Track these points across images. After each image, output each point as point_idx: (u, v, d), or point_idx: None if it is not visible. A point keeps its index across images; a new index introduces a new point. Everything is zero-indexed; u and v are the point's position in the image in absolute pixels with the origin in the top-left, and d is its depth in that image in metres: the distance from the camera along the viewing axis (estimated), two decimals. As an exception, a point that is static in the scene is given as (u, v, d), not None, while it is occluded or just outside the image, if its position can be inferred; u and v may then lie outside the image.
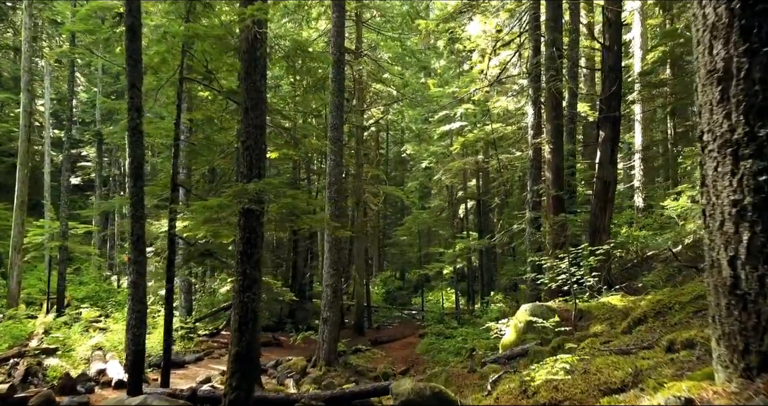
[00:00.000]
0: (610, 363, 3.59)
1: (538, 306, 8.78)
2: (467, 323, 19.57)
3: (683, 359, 3.23)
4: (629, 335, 5.47)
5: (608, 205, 12.47)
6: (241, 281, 6.99)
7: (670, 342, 3.59)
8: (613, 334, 6.50)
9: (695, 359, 3.16)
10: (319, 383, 12.92)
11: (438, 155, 25.96)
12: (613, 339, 5.18)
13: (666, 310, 5.53)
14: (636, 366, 3.33)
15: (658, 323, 5.34)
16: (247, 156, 7.13)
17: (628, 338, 4.95)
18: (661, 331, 4.92)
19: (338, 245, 14.70)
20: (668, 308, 5.53)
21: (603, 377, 3.34)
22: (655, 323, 5.38)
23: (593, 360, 3.93)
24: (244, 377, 6.76)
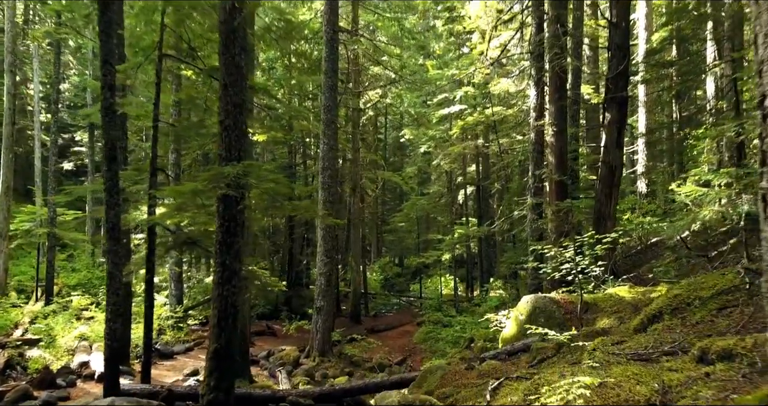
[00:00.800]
0: (631, 375, 3.06)
1: (541, 298, 8.26)
2: (466, 311, 19.13)
3: (722, 375, 2.71)
4: (644, 333, 4.94)
5: (614, 190, 11.91)
6: (220, 272, 6.46)
7: (702, 351, 3.06)
8: (624, 330, 5.98)
9: (740, 377, 2.63)
10: (311, 375, 12.49)
11: (437, 140, 25.31)
12: (627, 339, 4.65)
13: (684, 306, 5.00)
14: (663, 381, 2.81)
15: (676, 320, 4.81)
16: (226, 137, 6.55)
17: (644, 339, 4.42)
18: (682, 331, 4.39)
19: (332, 233, 14.17)
20: (687, 304, 5.00)
21: (623, 394, 2.81)
22: (672, 320, 4.85)
23: (609, 369, 3.40)
24: (224, 375, 6.26)
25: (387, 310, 27.28)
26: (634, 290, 8.09)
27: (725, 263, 8.66)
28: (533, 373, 5.06)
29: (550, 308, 8.00)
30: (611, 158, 11.85)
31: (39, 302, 19.14)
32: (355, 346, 15.59)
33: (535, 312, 8.08)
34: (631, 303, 7.42)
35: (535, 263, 10.28)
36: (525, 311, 8.27)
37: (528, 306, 8.25)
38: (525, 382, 4.16)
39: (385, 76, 24.14)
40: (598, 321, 7.24)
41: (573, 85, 15.21)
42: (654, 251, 15.29)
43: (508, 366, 6.76)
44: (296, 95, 24.31)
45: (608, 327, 6.66)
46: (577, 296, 8.26)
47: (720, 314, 4.45)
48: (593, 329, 6.78)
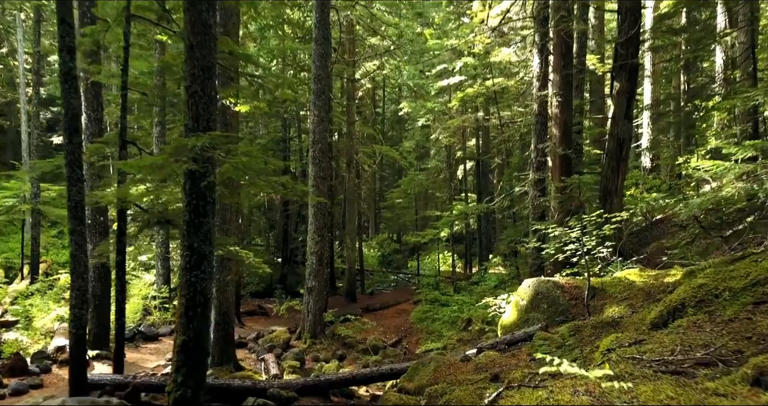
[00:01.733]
0: (665, 400, 2.42)
1: (544, 282, 7.62)
2: (464, 290, 18.60)
3: (795, 411, 2.09)
4: (664, 330, 4.29)
5: (621, 165, 11.19)
6: (187, 257, 5.79)
7: (760, 371, 2.41)
8: (637, 322, 5.34)
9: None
10: (301, 359, 11.97)
11: (435, 113, 24.44)
12: (646, 338, 4.00)
13: (711, 298, 4.34)
14: (711, 413, 2.18)
15: (703, 316, 4.15)
16: (192, 104, 5.81)
17: (668, 339, 3.77)
18: (713, 330, 3.74)
19: (324, 210, 13.49)
20: (714, 296, 4.34)
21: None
22: (698, 315, 4.20)
23: (635, 385, 2.75)
24: (192, 371, 5.65)
25: (384, 287, 26.80)
26: (645, 273, 7.45)
27: (744, 244, 8.01)
28: (535, 374, 4.43)
29: (554, 293, 7.37)
30: (619, 131, 11.09)
31: (25, 280, 18.61)
32: (348, 326, 15.06)
33: (537, 297, 7.46)
34: (643, 289, 6.78)
35: (537, 243, 9.63)
36: (526, 295, 7.64)
37: (529, 291, 7.62)
38: (528, 392, 3.52)
39: (383, 47, 23.18)
40: (607, 309, 6.60)
41: (578, 53, 14.33)
42: (660, 229, 14.63)
43: (508, 359, 6.15)
44: (290, 66, 23.36)
45: (619, 317, 6.03)
46: (582, 280, 7.63)
47: (758, 310, 3.79)
48: (602, 318, 6.14)
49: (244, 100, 9.33)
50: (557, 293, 7.32)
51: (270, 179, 6.23)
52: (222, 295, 10.36)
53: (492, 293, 15.49)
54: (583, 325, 5.85)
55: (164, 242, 16.01)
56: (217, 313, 10.36)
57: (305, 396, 7.28)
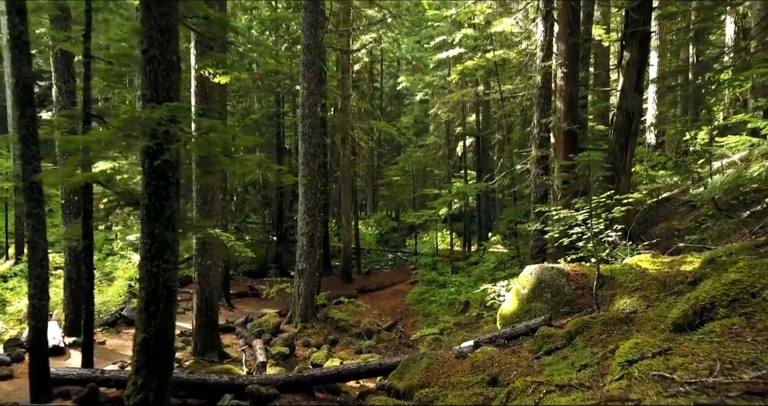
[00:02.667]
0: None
1: (547, 269, 6.99)
2: (462, 270, 18.03)
3: None
4: (691, 334, 3.66)
5: (630, 141, 10.50)
6: (148, 245, 5.14)
7: None
8: (655, 320, 4.72)
9: None
10: (291, 345, 11.42)
11: (434, 87, 23.56)
12: (672, 346, 3.36)
13: (748, 297, 3.70)
14: None
15: (739, 319, 3.52)
16: (150, 72, 5.08)
17: (701, 350, 3.13)
18: (755, 340, 3.10)
19: (315, 189, 12.81)
20: (751, 295, 3.70)
21: None
22: (733, 318, 3.56)
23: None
24: (155, 372, 5.05)
25: (382, 266, 26.29)
26: (658, 259, 6.81)
27: (766, 227, 7.37)
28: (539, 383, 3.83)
29: (558, 281, 6.74)
30: (628, 104, 10.36)
31: (9, 260, 18.06)
32: (342, 309, 14.53)
33: (540, 286, 6.84)
34: (657, 278, 6.15)
35: (539, 225, 8.97)
36: (528, 284, 7.02)
37: (531, 278, 7.00)
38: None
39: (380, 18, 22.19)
40: (617, 300, 5.98)
41: (584, 22, 13.46)
42: (667, 208, 13.97)
43: (508, 356, 5.56)
44: (282, 38, 22.39)
45: (632, 311, 5.40)
46: (589, 267, 7.00)
47: (809, 316, 3.15)
48: (613, 312, 5.52)
49: (223, 70, 8.56)
50: (562, 282, 6.70)
51: (242, 158, 5.55)
52: (204, 280, 9.77)
53: (490, 274, 14.93)
54: (592, 320, 5.23)
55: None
56: (199, 299, 9.79)
57: (287, 393, 6.71)
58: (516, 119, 22.39)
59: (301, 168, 12.67)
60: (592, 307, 6.20)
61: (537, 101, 11.39)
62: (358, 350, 11.92)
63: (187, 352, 10.01)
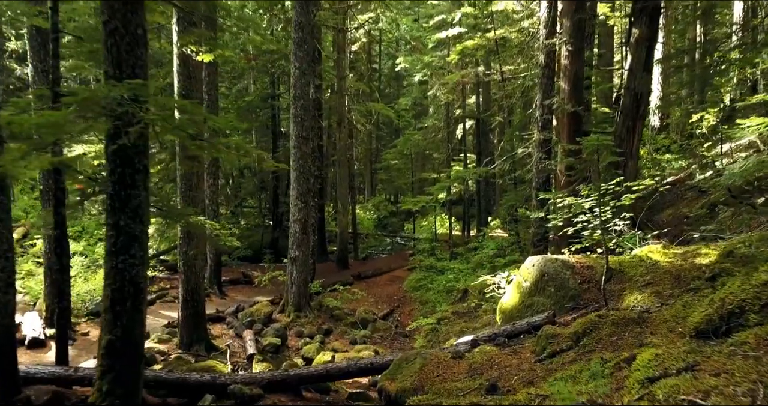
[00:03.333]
0: None
1: (551, 261, 6.53)
2: (461, 256, 17.62)
3: None
4: (719, 345, 3.21)
5: (638, 124, 9.97)
6: (113, 238, 4.67)
7: None
8: (671, 321, 4.26)
9: None
10: (283, 336, 11.04)
11: (433, 67, 22.89)
12: (699, 361, 2.91)
13: (784, 302, 3.24)
14: None
15: (776, 328, 3.05)
16: (112, 46, 4.56)
17: (734, 365, 2.68)
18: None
19: (307, 173, 12.30)
20: (788, 300, 3.24)
21: None
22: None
23: None
24: (122, 377, 4.61)
25: (380, 251, 25.88)
26: (670, 250, 6.34)
27: (785, 216, 6.90)
28: (544, 397, 3.39)
29: (562, 274, 6.28)
30: (637, 84, 9.81)
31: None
32: (337, 297, 14.13)
33: (543, 279, 6.38)
34: (670, 271, 5.69)
35: (542, 214, 8.50)
36: (530, 276, 6.57)
37: (533, 271, 6.54)
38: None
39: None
40: (627, 296, 5.53)
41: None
42: (673, 193, 13.46)
43: (508, 357, 5.12)
44: (276, 16, 21.65)
45: (644, 309, 4.95)
46: (595, 259, 6.54)
47: None
48: (623, 309, 5.07)
49: (206, 48, 8.01)
50: (566, 275, 6.24)
51: (217, 142, 5.05)
52: (189, 269, 9.33)
53: (490, 261, 14.50)
54: (600, 320, 4.78)
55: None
56: (185, 289, 9.35)
57: (273, 393, 6.30)
58: (517, 101, 21.79)
59: (293, 152, 12.17)
60: (599, 303, 5.76)
61: (540, 82, 10.84)
62: (352, 341, 11.54)
63: (173, 344, 9.61)
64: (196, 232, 7.99)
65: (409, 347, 11.47)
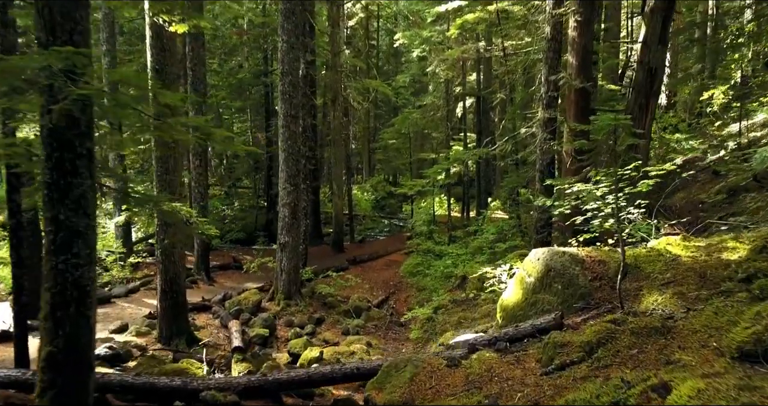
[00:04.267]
0: None
1: (557, 254, 5.88)
2: (459, 240, 17.02)
3: None
4: None
5: (651, 101, 9.25)
6: (51, 234, 4.01)
7: None
8: (702, 332, 3.63)
9: None
10: (272, 326, 10.48)
11: (432, 43, 21.96)
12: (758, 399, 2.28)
13: None
14: None
15: None
16: (44, 8, 3.84)
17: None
18: None
19: (297, 154, 11.59)
20: None
21: None
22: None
23: None
24: (66, 395, 4.00)
25: (377, 233, 25.29)
26: (691, 243, 5.69)
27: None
28: None
29: (571, 270, 5.64)
30: (651, 58, 9.06)
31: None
32: (330, 283, 13.54)
33: (549, 275, 5.74)
34: (693, 268, 5.05)
35: (548, 201, 7.83)
36: (534, 271, 5.92)
37: (538, 265, 5.89)
38: None
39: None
40: (645, 297, 4.90)
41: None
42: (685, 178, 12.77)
43: (511, 367, 4.50)
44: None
45: (667, 316, 4.31)
46: (607, 253, 5.89)
47: None
48: (645, 318, 4.42)
49: (179, 17, 7.25)
50: (575, 271, 5.60)
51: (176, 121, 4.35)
52: (167, 259, 8.70)
53: (490, 246, 13.88)
54: (617, 327, 4.15)
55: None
56: (163, 280, 8.73)
57: (250, 399, 5.71)
58: (519, 78, 20.93)
59: (281, 131, 11.45)
60: (612, 303, 5.13)
61: (545, 56, 10.05)
62: (345, 331, 10.98)
63: (153, 337, 9.03)
64: (169, 220, 7.34)
65: (404, 337, 10.93)
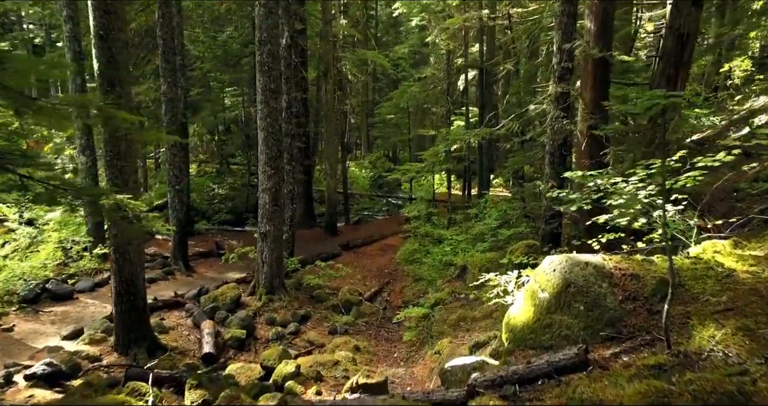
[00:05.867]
0: None
1: (578, 265, 4.72)
2: (460, 224, 15.88)
3: None
4: None
5: (681, 72, 7.96)
6: None
7: None
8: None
9: None
10: (250, 326, 9.45)
11: (432, 11, 20.46)
12: None
13: None
14: None
15: None
16: None
17: None
18: None
19: (278, 134, 10.37)
20: None
21: None
22: None
23: None
24: None
25: (375, 213, 24.18)
26: (746, 252, 4.54)
27: None
28: None
29: (596, 287, 4.49)
30: (683, 22, 7.75)
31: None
32: (319, 273, 12.47)
33: (568, 291, 4.61)
34: (756, 288, 3.91)
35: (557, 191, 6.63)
36: (549, 285, 4.78)
37: (555, 278, 4.75)
38: None
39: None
40: (697, 329, 3.76)
41: None
42: (705, 155, 11.52)
43: None
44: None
45: (739, 370, 3.17)
46: (641, 264, 4.75)
47: None
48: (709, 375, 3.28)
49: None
50: (602, 288, 4.45)
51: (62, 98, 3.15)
52: (122, 256, 7.58)
53: (492, 233, 12.75)
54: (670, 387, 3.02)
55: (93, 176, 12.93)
56: (118, 280, 7.64)
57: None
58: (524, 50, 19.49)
59: (259, 108, 10.22)
60: (651, 333, 4.01)
61: (558, 20, 8.73)
62: (332, 330, 9.94)
63: (109, 345, 7.97)
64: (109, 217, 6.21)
65: (397, 337, 9.89)
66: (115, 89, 7.15)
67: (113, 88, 7.14)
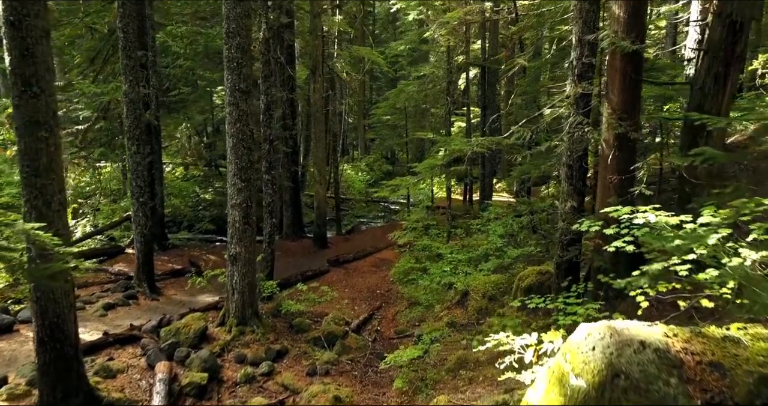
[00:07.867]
0: None
1: (628, 344, 3.28)
2: (461, 238, 14.47)
3: None
4: None
5: (732, 69, 6.54)
6: None
7: None
8: None
9: None
10: (214, 366, 8.11)
11: (430, 5, 19.04)
12: None
13: None
14: None
15: None
16: None
17: None
18: None
19: (249, 141, 8.95)
20: None
21: None
22: None
23: None
24: None
25: (370, 219, 22.79)
26: None
27: None
28: None
29: (659, 382, 3.06)
30: (735, 8, 6.34)
31: None
32: (300, 298, 11.06)
33: (616, 384, 3.17)
34: None
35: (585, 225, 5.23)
36: (587, 371, 3.34)
37: (596, 361, 3.31)
38: None
39: None
40: None
41: None
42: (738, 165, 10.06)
43: None
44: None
45: None
46: (721, 343, 3.31)
47: None
48: None
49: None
50: (670, 387, 3.02)
51: None
52: (45, 295, 6.17)
53: (497, 254, 11.33)
54: None
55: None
56: (40, 325, 6.22)
57: None
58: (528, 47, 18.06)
59: (228, 110, 8.81)
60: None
61: (578, 8, 7.30)
62: (311, 371, 8.53)
63: (33, 401, 6.56)
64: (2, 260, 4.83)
65: (387, 380, 8.45)
66: (32, 89, 5.76)
67: (29, 88, 5.75)
